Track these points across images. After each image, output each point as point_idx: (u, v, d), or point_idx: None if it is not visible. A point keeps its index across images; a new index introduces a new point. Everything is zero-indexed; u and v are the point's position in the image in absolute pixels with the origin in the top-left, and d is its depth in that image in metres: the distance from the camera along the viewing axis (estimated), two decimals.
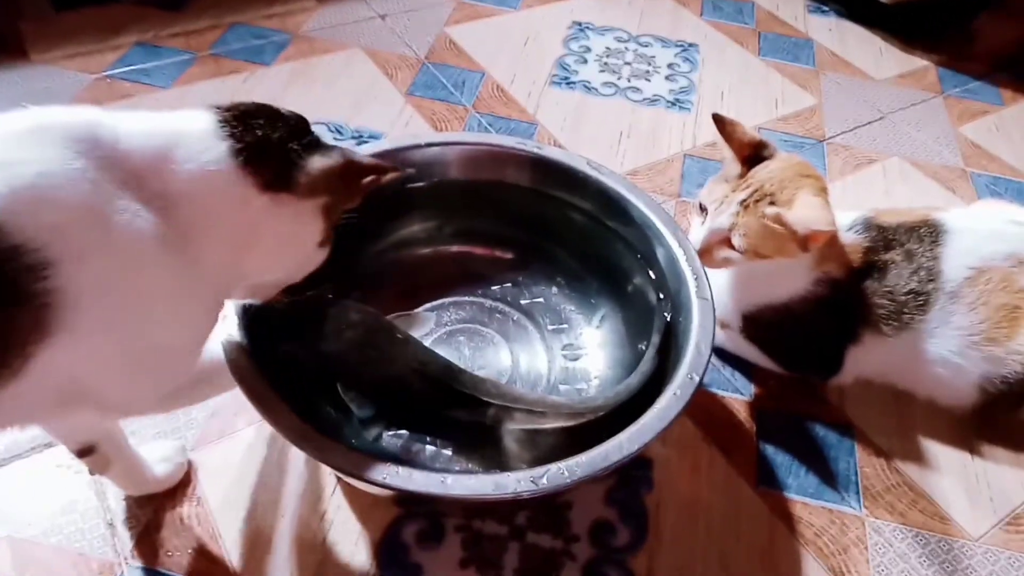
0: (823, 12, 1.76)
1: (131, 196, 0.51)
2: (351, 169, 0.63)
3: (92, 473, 0.75)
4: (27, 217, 0.45)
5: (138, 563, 0.73)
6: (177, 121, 0.56)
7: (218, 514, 0.77)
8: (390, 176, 0.66)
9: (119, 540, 0.75)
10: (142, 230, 0.51)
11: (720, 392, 0.95)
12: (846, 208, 0.92)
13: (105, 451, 0.70)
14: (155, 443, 0.80)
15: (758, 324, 0.92)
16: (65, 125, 0.50)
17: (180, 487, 0.79)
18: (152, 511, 0.77)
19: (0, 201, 0.44)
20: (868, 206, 0.93)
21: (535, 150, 0.94)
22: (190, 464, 0.81)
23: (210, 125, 0.56)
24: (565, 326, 0.94)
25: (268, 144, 0.58)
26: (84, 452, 0.69)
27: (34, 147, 0.48)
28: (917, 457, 0.91)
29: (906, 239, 0.88)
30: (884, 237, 0.88)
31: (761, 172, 0.84)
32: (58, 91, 1.24)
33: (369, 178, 0.65)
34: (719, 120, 0.87)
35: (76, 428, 0.67)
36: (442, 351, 0.86)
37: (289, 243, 0.62)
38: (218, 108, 0.58)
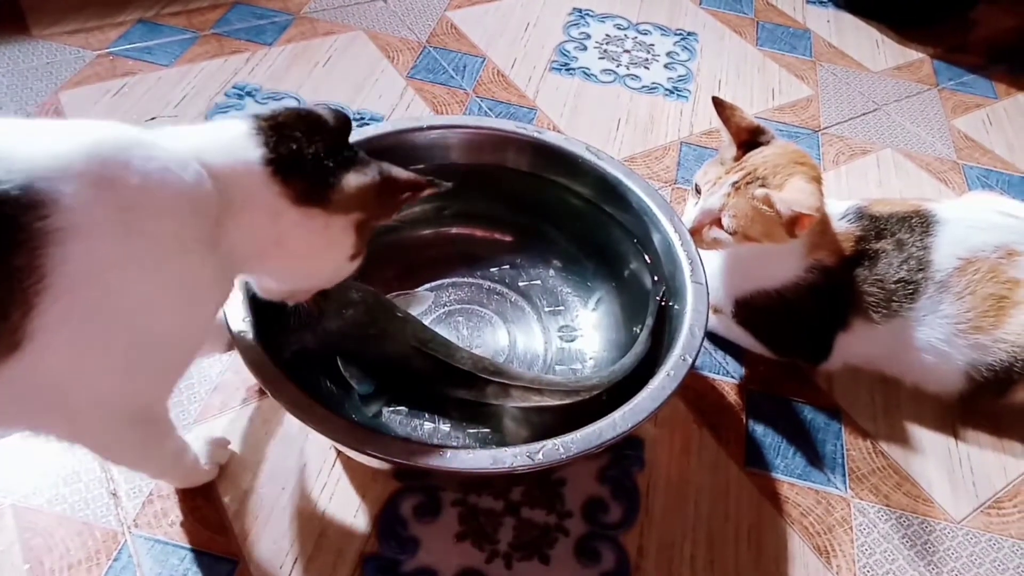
0: (821, 3, 1.77)
1: (162, 192, 0.52)
2: (387, 186, 0.62)
3: None
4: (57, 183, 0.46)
5: (141, 532, 0.75)
6: (215, 127, 0.58)
7: (220, 485, 0.79)
8: (427, 192, 0.66)
9: (122, 510, 0.76)
10: (168, 221, 0.52)
11: (712, 375, 0.97)
12: (839, 198, 0.94)
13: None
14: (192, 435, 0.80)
15: (750, 309, 0.94)
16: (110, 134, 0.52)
17: None
18: (155, 482, 0.78)
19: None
20: (861, 196, 0.95)
21: (535, 135, 0.96)
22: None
23: (245, 132, 0.57)
24: (562, 308, 0.96)
25: (301, 157, 0.58)
26: None
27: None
28: (902, 441, 0.94)
29: (897, 229, 0.89)
30: (876, 226, 0.90)
31: (756, 156, 0.85)
32: (60, 67, 1.24)
33: (406, 194, 0.64)
34: (719, 103, 0.88)
35: None
36: (441, 330, 0.87)
37: (318, 256, 0.63)
38: (257, 116, 0.59)
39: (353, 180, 0.60)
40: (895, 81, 1.56)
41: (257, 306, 0.72)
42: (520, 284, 0.97)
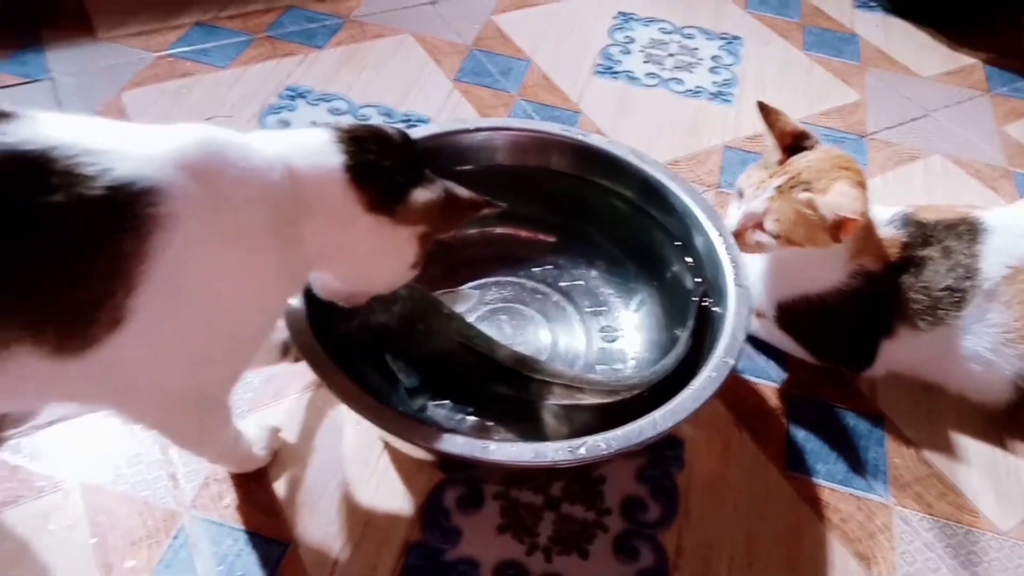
0: (870, 7, 1.75)
1: (253, 187, 0.57)
2: (451, 204, 0.67)
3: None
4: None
5: (198, 513, 0.78)
6: (299, 134, 0.63)
7: (273, 472, 0.82)
8: (485, 211, 0.71)
9: (180, 491, 0.80)
10: (256, 215, 0.56)
11: (753, 379, 0.98)
12: (885, 204, 0.94)
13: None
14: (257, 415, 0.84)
15: (793, 314, 0.94)
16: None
17: None
18: (211, 466, 0.81)
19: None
20: (908, 203, 0.94)
21: (580, 137, 0.97)
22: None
23: (327, 140, 0.62)
24: (603, 308, 0.97)
25: (378, 168, 0.62)
26: None
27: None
28: (947, 450, 0.93)
29: (945, 236, 0.89)
30: (922, 233, 0.89)
31: (800, 161, 0.86)
32: (123, 68, 1.29)
33: (467, 212, 0.69)
34: (764, 108, 0.89)
35: None
36: (484, 328, 0.89)
37: (383, 261, 0.68)
38: (337, 128, 0.63)
39: (421, 195, 0.65)
40: (945, 86, 1.54)
41: (312, 300, 0.75)
42: (562, 284, 0.99)
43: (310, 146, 0.61)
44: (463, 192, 0.69)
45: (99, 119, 0.53)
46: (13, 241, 0.45)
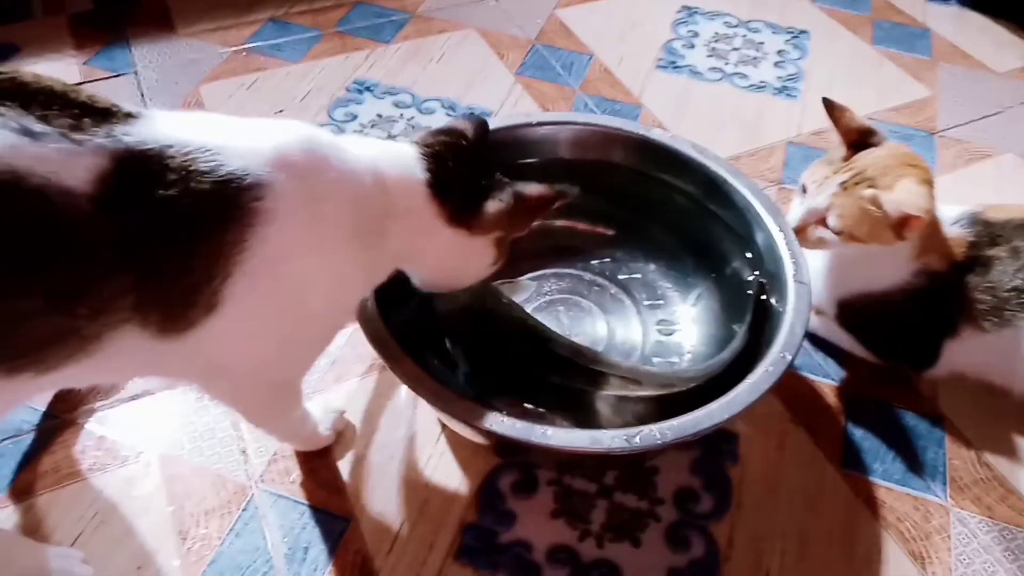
0: (944, 0, 1.70)
1: (348, 190, 0.61)
2: (520, 207, 0.71)
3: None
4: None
5: (266, 487, 0.83)
6: (388, 145, 0.68)
7: (336, 450, 0.86)
8: (557, 204, 0.74)
9: (250, 465, 0.84)
10: (347, 216, 0.61)
11: (811, 376, 0.97)
12: (955, 203, 0.92)
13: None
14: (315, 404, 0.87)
15: (854, 312, 0.94)
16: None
17: None
18: (279, 443, 0.86)
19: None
20: (978, 202, 0.92)
21: (642, 132, 0.98)
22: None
23: (414, 155, 0.67)
24: (661, 302, 0.98)
25: (455, 185, 0.68)
26: None
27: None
28: (1009, 453, 0.91)
29: (1013, 236, 0.87)
30: (990, 233, 0.88)
31: (866, 157, 0.85)
32: (201, 63, 1.35)
33: (538, 209, 0.73)
34: (829, 104, 0.89)
35: None
36: (542, 318, 0.91)
37: (462, 265, 0.73)
38: (420, 143, 0.68)
39: (491, 208, 0.69)
40: (1021, 82, 1.49)
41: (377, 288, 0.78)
42: (620, 277, 1.00)
43: (399, 158, 0.66)
44: (533, 191, 0.72)
45: (209, 115, 0.57)
46: (131, 232, 0.49)
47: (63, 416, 0.87)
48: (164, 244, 0.51)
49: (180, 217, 0.51)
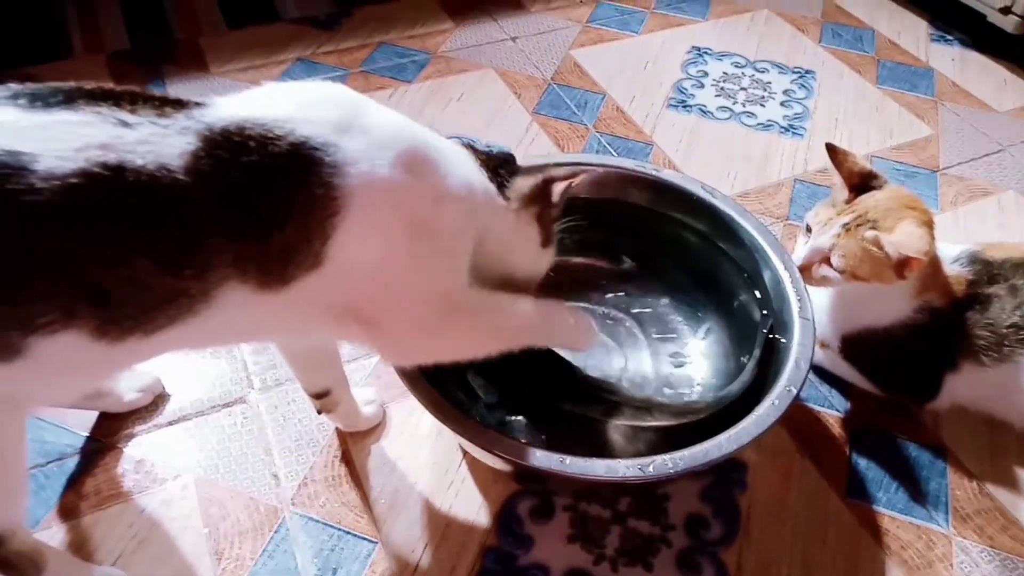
0: (947, 41, 1.76)
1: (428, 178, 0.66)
2: (549, 181, 0.76)
3: (319, 412, 0.90)
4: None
5: (297, 510, 0.87)
6: (458, 150, 0.74)
7: (362, 475, 0.90)
8: (577, 179, 0.79)
9: (281, 489, 0.89)
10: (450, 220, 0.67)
11: (816, 407, 1.01)
12: (957, 240, 0.96)
13: (335, 395, 0.87)
14: (359, 389, 0.94)
15: (857, 346, 0.98)
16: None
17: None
18: (309, 468, 0.90)
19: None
20: (980, 239, 0.96)
21: (654, 173, 1.03)
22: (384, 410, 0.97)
23: (463, 148, 0.74)
24: (672, 335, 1.02)
25: (489, 168, 0.74)
26: (320, 395, 0.87)
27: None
28: (1010, 484, 0.94)
29: (1011, 274, 0.91)
30: (989, 271, 0.92)
31: (868, 200, 0.90)
32: None
33: (563, 184, 0.78)
34: (831, 149, 0.93)
35: (316, 377, 0.86)
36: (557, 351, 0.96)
37: (516, 242, 0.77)
38: (460, 140, 0.76)
39: (522, 182, 0.76)
40: (1022, 121, 1.54)
41: None
42: (633, 311, 1.05)
43: (462, 151, 0.74)
44: (557, 170, 0.77)
45: (270, 89, 0.63)
46: (221, 196, 0.55)
47: (104, 440, 0.91)
48: (250, 203, 0.56)
49: (260, 179, 0.56)
